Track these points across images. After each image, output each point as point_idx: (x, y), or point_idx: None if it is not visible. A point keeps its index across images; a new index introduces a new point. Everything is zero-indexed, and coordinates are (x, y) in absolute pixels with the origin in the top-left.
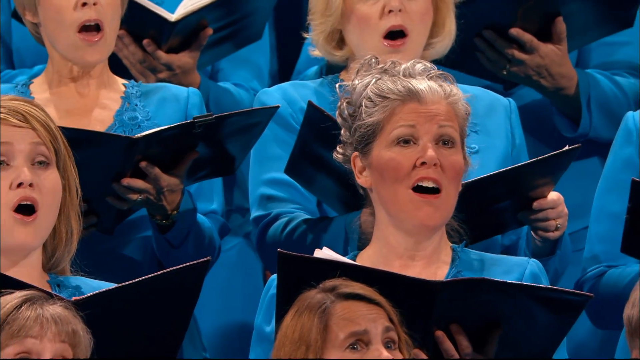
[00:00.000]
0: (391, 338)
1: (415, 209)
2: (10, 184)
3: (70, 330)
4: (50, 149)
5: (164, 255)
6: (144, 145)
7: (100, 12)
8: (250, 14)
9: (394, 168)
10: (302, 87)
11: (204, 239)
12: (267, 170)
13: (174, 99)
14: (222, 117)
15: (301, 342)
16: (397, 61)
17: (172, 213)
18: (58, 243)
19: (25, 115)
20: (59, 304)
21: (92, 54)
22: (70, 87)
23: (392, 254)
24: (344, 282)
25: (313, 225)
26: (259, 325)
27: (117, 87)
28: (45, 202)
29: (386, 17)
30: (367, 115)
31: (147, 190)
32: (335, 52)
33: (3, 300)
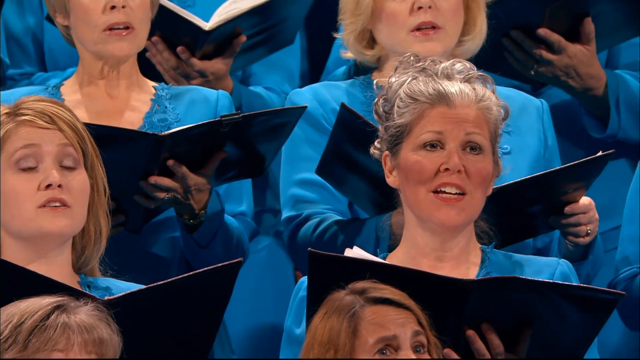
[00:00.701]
0: (420, 342)
1: (436, 209)
2: (39, 186)
3: (96, 338)
4: (77, 150)
5: (191, 255)
6: (170, 142)
7: (129, 15)
8: (283, 20)
9: (418, 171)
10: (334, 88)
11: (232, 239)
12: (298, 170)
13: (203, 101)
14: (250, 116)
15: (330, 345)
16: (438, 59)
17: (199, 213)
18: (87, 242)
19: (52, 117)
20: (86, 308)
21: (120, 47)
22: (100, 88)
23: (420, 255)
24: (373, 284)
25: (344, 227)
26: (289, 327)
27: (147, 89)
28: (74, 202)
29: (416, 14)
30: (398, 115)
31: (175, 189)
32: (366, 51)
33: (32, 307)
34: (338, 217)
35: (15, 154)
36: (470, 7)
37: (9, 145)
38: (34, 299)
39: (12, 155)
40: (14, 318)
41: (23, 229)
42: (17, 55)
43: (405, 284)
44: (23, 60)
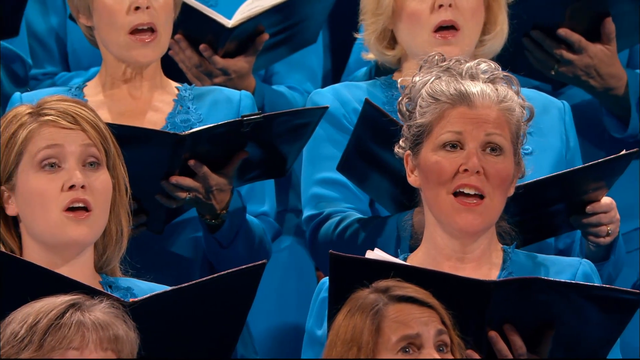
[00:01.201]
0: (443, 341)
1: (455, 214)
2: (62, 186)
3: (112, 335)
4: (100, 150)
5: (213, 255)
6: (191, 142)
7: (153, 16)
8: (306, 18)
9: (437, 172)
10: (355, 88)
11: (254, 239)
12: (319, 170)
13: (226, 102)
14: (271, 117)
15: (353, 343)
16: (463, 59)
17: (221, 212)
18: (109, 241)
19: (75, 117)
20: (102, 306)
21: (144, 53)
22: (123, 89)
23: (441, 256)
24: (397, 283)
25: (365, 225)
26: (310, 328)
27: (170, 90)
28: (97, 203)
29: (436, 12)
30: (420, 115)
31: (196, 189)
32: (387, 51)
33: (47, 306)
34: (359, 215)
35: (38, 154)
36: (491, 6)
37: (32, 145)
38: (48, 299)
39: (35, 155)
40: (29, 318)
41: (46, 234)
42: (40, 55)
43: (427, 286)
44: (46, 60)
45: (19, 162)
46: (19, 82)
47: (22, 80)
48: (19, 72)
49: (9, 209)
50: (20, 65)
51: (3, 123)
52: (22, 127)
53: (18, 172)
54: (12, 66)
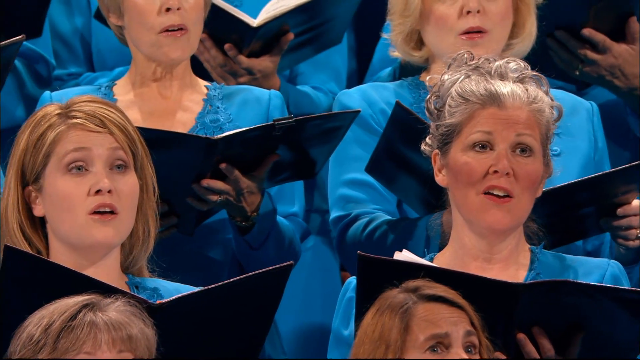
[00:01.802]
0: (472, 342)
1: (484, 212)
2: (89, 190)
3: (124, 335)
4: (128, 153)
5: (244, 257)
6: (223, 146)
7: (184, 17)
8: (331, 19)
9: (467, 173)
10: (382, 89)
11: (284, 241)
12: (347, 171)
13: (255, 101)
14: (302, 121)
15: (381, 342)
16: (492, 58)
17: (251, 215)
18: (135, 241)
19: (102, 120)
20: (116, 305)
21: (174, 50)
22: (152, 88)
23: (468, 256)
24: (426, 283)
25: (394, 226)
26: (337, 328)
27: (200, 89)
28: (123, 207)
29: (464, 18)
30: (449, 115)
31: (227, 192)
32: (414, 52)
33: (61, 307)
34: (387, 216)
35: (66, 157)
36: (520, 9)
37: (60, 147)
38: (63, 300)
39: (63, 158)
40: (43, 320)
41: (72, 235)
42: (64, 56)
43: (455, 287)
44: (71, 61)
45: (46, 163)
46: (42, 83)
47: (46, 81)
48: (42, 73)
49: (36, 209)
50: (44, 65)
51: (32, 122)
52: (50, 129)
53: (45, 174)
54: (36, 67)
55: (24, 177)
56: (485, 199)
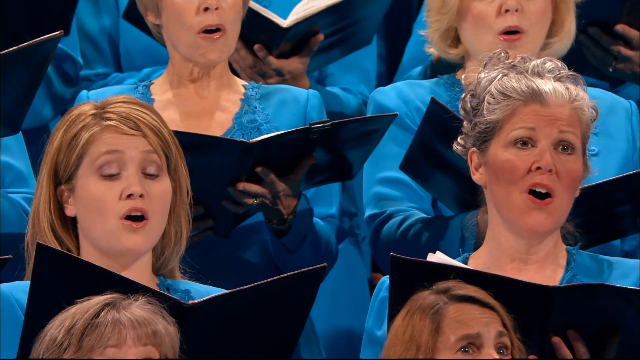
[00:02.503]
0: (504, 343)
1: (526, 213)
2: (121, 194)
3: (150, 331)
4: (161, 156)
5: (280, 260)
6: (259, 149)
7: (222, 17)
8: (361, 19)
9: (509, 170)
10: (418, 87)
11: (321, 243)
12: (382, 169)
13: (293, 101)
14: (339, 124)
15: (412, 343)
16: (528, 57)
17: (288, 217)
18: (167, 243)
19: (136, 122)
20: (138, 303)
21: (212, 51)
22: (190, 88)
23: (505, 257)
24: (457, 284)
25: (428, 225)
26: (370, 328)
27: (237, 89)
28: (154, 211)
29: (502, 17)
30: (488, 112)
31: (263, 195)
32: (451, 50)
33: (82, 307)
34: (422, 214)
35: (98, 159)
36: (559, 7)
37: (93, 149)
38: (84, 301)
39: (96, 160)
40: (65, 322)
41: (102, 240)
42: (92, 56)
43: (488, 289)
44: (98, 61)
45: (79, 164)
46: (70, 82)
47: (73, 80)
48: (70, 72)
49: (67, 209)
50: (71, 64)
51: (67, 120)
52: (84, 129)
53: (78, 174)
54: (63, 66)
55: (57, 176)
56: (527, 199)
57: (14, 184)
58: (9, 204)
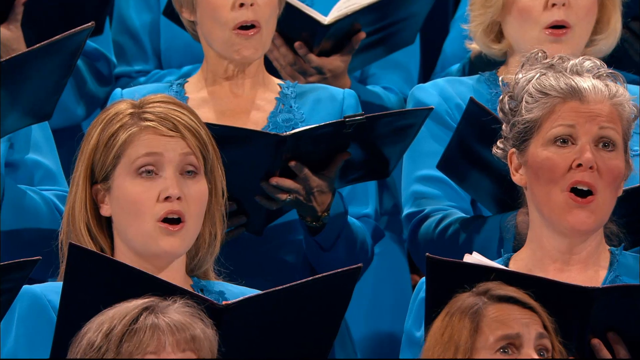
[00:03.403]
0: (544, 345)
1: (568, 212)
2: (158, 196)
3: (188, 336)
4: (199, 158)
5: (314, 259)
6: (292, 143)
7: (257, 13)
8: (404, 18)
9: (549, 168)
10: (458, 84)
11: (356, 242)
12: (420, 166)
13: (329, 100)
14: (374, 118)
15: (450, 343)
16: (566, 56)
17: (322, 215)
18: (201, 245)
19: (175, 124)
20: (176, 306)
21: (247, 48)
22: (224, 87)
23: (547, 258)
24: (497, 285)
25: (467, 224)
26: (409, 329)
27: (273, 88)
28: (191, 213)
29: (549, 11)
30: (526, 111)
31: (297, 191)
32: (494, 45)
33: (121, 311)
34: (461, 214)
35: (136, 161)
36: (605, 4)
37: (131, 150)
38: (121, 304)
39: (134, 161)
40: (103, 326)
41: (138, 241)
42: (132, 52)
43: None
44: (139, 58)
45: (116, 164)
46: (103, 81)
47: (106, 79)
48: (103, 71)
49: (103, 209)
50: (104, 63)
51: (104, 118)
52: (122, 129)
53: (115, 174)
54: (97, 65)
55: (93, 174)
56: (569, 198)
57: (43, 182)
58: (41, 200)
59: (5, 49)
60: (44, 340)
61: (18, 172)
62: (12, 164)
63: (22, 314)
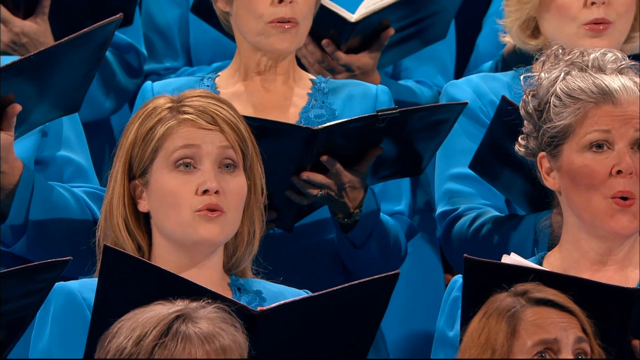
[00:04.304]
0: (583, 349)
1: (610, 217)
2: (196, 190)
3: (218, 347)
4: (237, 152)
5: (347, 256)
6: (324, 137)
7: (295, 10)
8: (434, 13)
9: (588, 175)
10: (492, 80)
11: (389, 239)
12: (454, 164)
13: (362, 96)
14: (407, 112)
15: (487, 346)
16: (585, 50)
17: (354, 211)
18: (240, 243)
19: (214, 117)
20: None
21: (281, 41)
22: (256, 81)
23: (584, 259)
24: (536, 286)
25: (501, 223)
26: (441, 329)
27: (305, 83)
28: (229, 207)
29: (588, 9)
30: (557, 116)
31: (328, 186)
32: (530, 40)
33: (152, 318)
34: (495, 212)
35: (174, 153)
36: None
37: (169, 143)
38: (153, 308)
39: (172, 154)
40: (134, 333)
41: (176, 232)
42: (161, 49)
43: (566, 291)
44: (167, 55)
45: (154, 158)
46: (133, 74)
47: (136, 71)
48: (133, 63)
49: (141, 204)
50: (134, 55)
51: (142, 113)
52: (160, 123)
53: (153, 169)
54: (126, 57)
55: (131, 170)
56: (612, 203)
57: (73, 178)
58: (71, 197)
59: (32, 43)
60: (78, 338)
61: (48, 169)
62: (43, 161)
63: (56, 312)
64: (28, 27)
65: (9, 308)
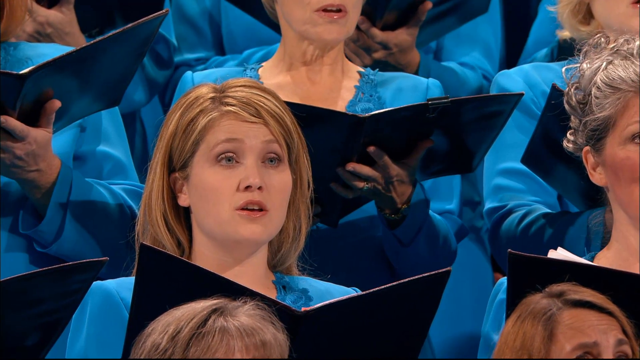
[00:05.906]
0: (624, 352)
1: None
2: (238, 185)
3: (258, 342)
4: (282, 146)
5: (393, 254)
6: (371, 126)
7: None
8: None
9: (629, 168)
10: (545, 70)
11: (438, 237)
12: (504, 159)
13: (412, 89)
14: (459, 102)
15: (523, 351)
16: (631, 38)
17: (402, 207)
18: (285, 239)
19: (257, 109)
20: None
21: (329, 31)
22: (301, 72)
23: (634, 257)
24: (572, 287)
25: (552, 221)
26: (487, 333)
27: (352, 75)
28: (273, 204)
29: None
30: (598, 107)
31: (375, 179)
32: (582, 27)
33: (188, 312)
34: (546, 209)
35: (216, 147)
36: None
37: (210, 135)
38: (189, 305)
39: (213, 148)
40: (169, 328)
41: (217, 230)
42: (192, 40)
43: (613, 288)
44: (199, 45)
45: (195, 151)
46: (163, 65)
47: (167, 63)
48: (163, 54)
49: (181, 198)
50: (164, 46)
51: (184, 103)
52: (202, 114)
53: (193, 162)
54: (156, 48)
55: (171, 162)
56: None
57: (112, 174)
58: (111, 196)
59: (57, 33)
60: (115, 339)
61: (87, 165)
62: (81, 157)
63: (93, 312)
64: (53, 17)
65: (43, 309)
